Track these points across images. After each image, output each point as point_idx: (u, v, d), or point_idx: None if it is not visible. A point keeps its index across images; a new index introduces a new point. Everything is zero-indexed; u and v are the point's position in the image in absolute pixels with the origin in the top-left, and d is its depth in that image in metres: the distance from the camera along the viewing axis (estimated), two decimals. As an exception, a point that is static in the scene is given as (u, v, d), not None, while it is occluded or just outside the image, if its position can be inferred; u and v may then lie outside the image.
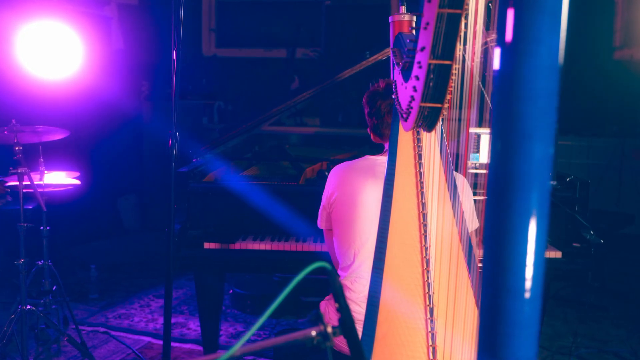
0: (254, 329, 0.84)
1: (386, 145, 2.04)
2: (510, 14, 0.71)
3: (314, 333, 0.87)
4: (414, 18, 2.21)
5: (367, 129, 2.07)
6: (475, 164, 2.88)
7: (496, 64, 0.73)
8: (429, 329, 1.35)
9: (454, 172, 1.63)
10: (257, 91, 6.19)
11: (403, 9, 2.20)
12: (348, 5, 6.16)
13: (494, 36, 1.50)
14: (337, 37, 6.14)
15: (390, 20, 2.22)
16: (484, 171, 2.82)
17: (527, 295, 0.73)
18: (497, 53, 0.72)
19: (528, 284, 0.73)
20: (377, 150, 2.17)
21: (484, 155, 2.89)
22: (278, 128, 5.25)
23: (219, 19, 6.41)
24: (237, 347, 0.83)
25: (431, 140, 1.58)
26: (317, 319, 0.89)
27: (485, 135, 2.88)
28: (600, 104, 5.21)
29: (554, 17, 0.69)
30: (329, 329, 0.87)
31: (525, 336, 0.74)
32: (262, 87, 6.19)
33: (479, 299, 1.39)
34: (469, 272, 1.41)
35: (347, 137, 5.14)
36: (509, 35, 0.71)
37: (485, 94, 1.41)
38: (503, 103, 0.72)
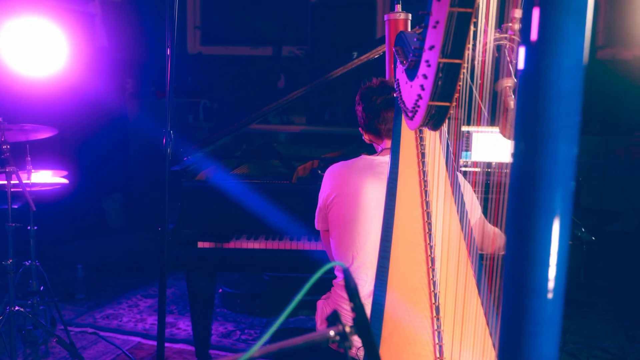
0: (274, 327, 0.83)
1: (378, 146, 2.00)
2: (535, 13, 0.70)
3: (332, 333, 0.86)
4: (409, 16, 2.22)
5: (356, 127, 1.99)
6: (467, 162, 2.89)
7: (520, 63, 0.72)
8: (435, 327, 1.36)
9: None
10: (243, 89, 6.16)
11: (399, 7, 2.20)
12: (334, 3, 6.15)
13: (498, 35, 1.50)
14: (323, 35, 6.13)
15: (385, 18, 2.22)
16: (476, 169, 2.84)
17: (550, 295, 0.73)
18: (521, 52, 0.72)
19: (551, 284, 0.73)
20: (365, 148, 2.13)
21: (475, 154, 2.90)
22: (265, 126, 5.22)
23: (204, 17, 6.36)
24: (256, 349, 0.82)
25: (434, 139, 1.57)
26: (335, 319, 0.88)
27: (476, 134, 2.89)
28: (584, 102, 5.25)
29: (580, 16, 0.69)
30: (347, 329, 0.87)
31: (548, 335, 0.74)
32: (248, 85, 6.16)
33: (482, 297, 1.40)
34: (474, 270, 1.41)
35: (334, 135, 5.13)
36: (534, 35, 0.71)
37: (475, 92, 1.41)
38: (527, 103, 0.72)
